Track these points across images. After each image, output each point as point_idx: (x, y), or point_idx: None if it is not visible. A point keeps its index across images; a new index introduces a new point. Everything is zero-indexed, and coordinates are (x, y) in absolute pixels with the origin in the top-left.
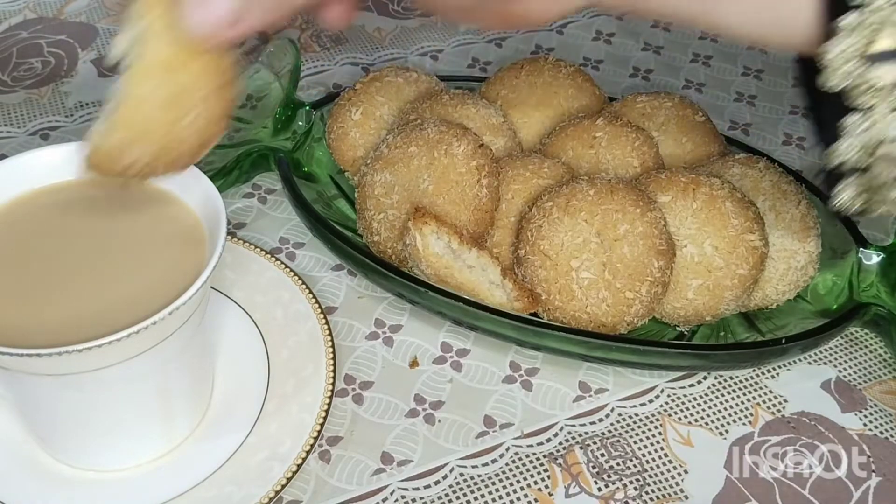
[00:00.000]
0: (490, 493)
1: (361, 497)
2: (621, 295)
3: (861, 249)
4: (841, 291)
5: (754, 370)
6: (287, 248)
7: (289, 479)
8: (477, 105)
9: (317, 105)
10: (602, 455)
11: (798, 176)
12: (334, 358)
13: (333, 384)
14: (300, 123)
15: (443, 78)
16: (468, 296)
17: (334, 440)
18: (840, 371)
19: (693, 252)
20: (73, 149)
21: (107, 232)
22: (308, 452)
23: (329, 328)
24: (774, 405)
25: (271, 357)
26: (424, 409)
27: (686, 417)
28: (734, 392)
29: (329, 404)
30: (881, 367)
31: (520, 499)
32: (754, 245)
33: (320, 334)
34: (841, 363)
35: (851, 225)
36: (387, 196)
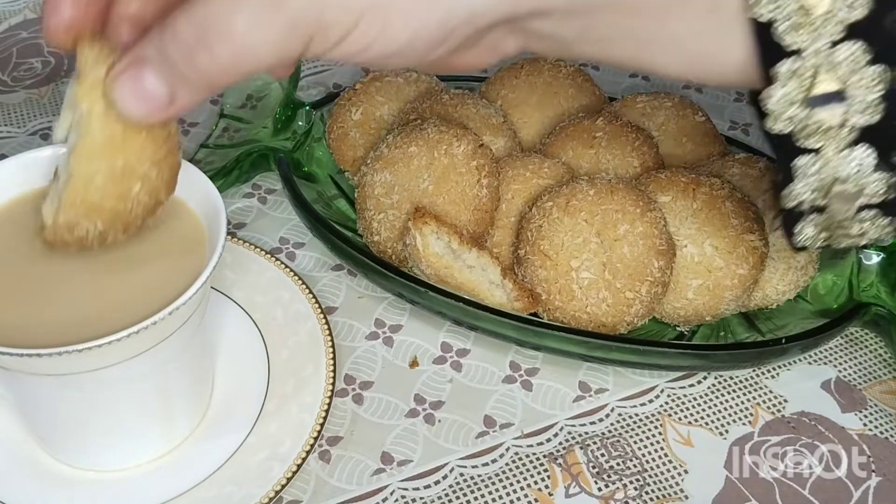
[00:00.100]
0: (490, 493)
1: (361, 497)
2: (621, 295)
3: (861, 249)
4: (841, 291)
5: (754, 370)
6: (287, 248)
7: (289, 479)
8: (477, 105)
9: (317, 105)
10: (602, 455)
11: None
12: (334, 358)
13: (333, 384)
14: (300, 123)
15: (443, 78)
16: (468, 296)
17: (334, 440)
18: (840, 371)
19: (693, 252)
20: None
21: None
22: (308, 452)
23: (329, 328)
24: (774, 405)
25: (271, 357)
26: (424, 409)
27: (686, 417)
28: (734, 392)
29: (329, 404)
30: (881, 367)
31: (520, 499)
32: (754, 245)
33: (320, 334)
34: (841, 363)
35: None
36: (387, 196)
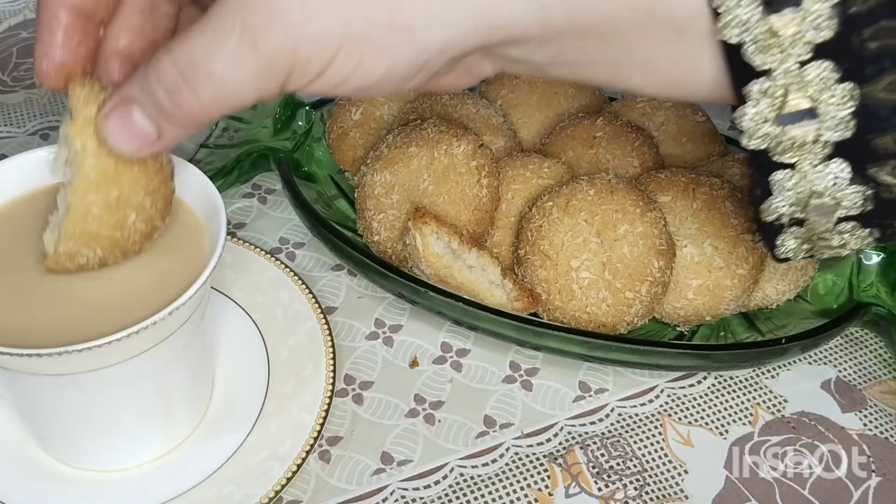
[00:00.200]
0: (490, 493)
1: (361, 497)
2: (621, 295)
3: (859, 250)
4: (841, 291)
5: (754, 370)
6: (287, 248)
7: (289, 479)
8: (477, 105)
9: (317, 105)
10: (602, 455)
11: None
12: (334, 358)
13: (333, 384)
14: (300, 123)
15: None
16: (468, 296)
17: (334, 440)
18: (840, 371)
19: (693, 252)
20: None
21: None
22: (308, 452)
23: (329, 328)
24: (774, 405)
25: (271, 357)
26: (424, 409)
27: (686, 417)
28: (734, 392)
29: (329, 404)
30: (881, 367)
31: (520, 499)
32: (754, 245)
33: (320, 334)
34: (841, 363)
35: None
36: (387, 196)
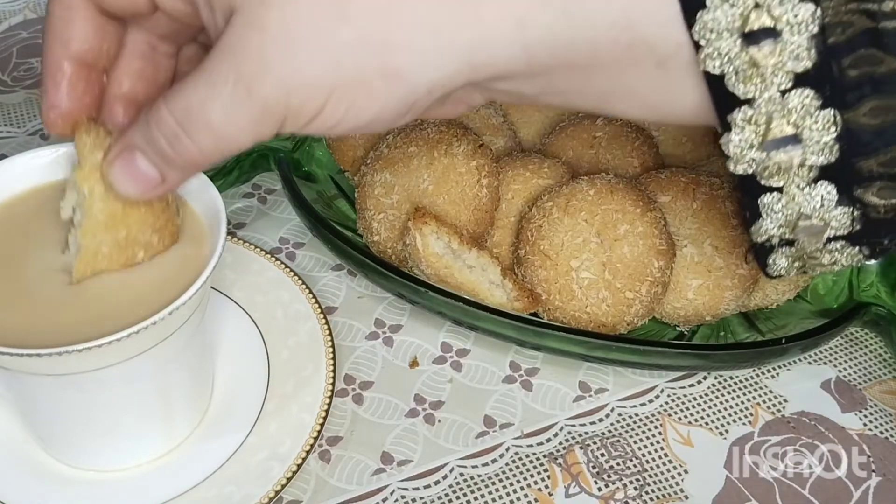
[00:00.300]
0: (490, 493)
1: (361, 497)
2: (621, 295)
3: None
4: (841, 291)
5: (754, 370)
6: (287, 248)
7: (289, 479)
8: None
9: None
10: (602, 455)
11: None
12: (334, 358)
13: (333, 384)
14: None
15: None
16: (468, 296)
17: (334, 440)
18: (840, 371)
19: (693, 252)
20: (73, 148)
21: None
22: (308, 452)
23: (329, 328)
24: (774, 405)
25: (271, 357)
26: (424, 409)
27: (686, 417)
28: (734, 392)
29: (329, 404)
30: (881, 367)
31: (520, 499)
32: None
33: (320, 334)
34: (841, 363)
35: None
36: (387, 196)
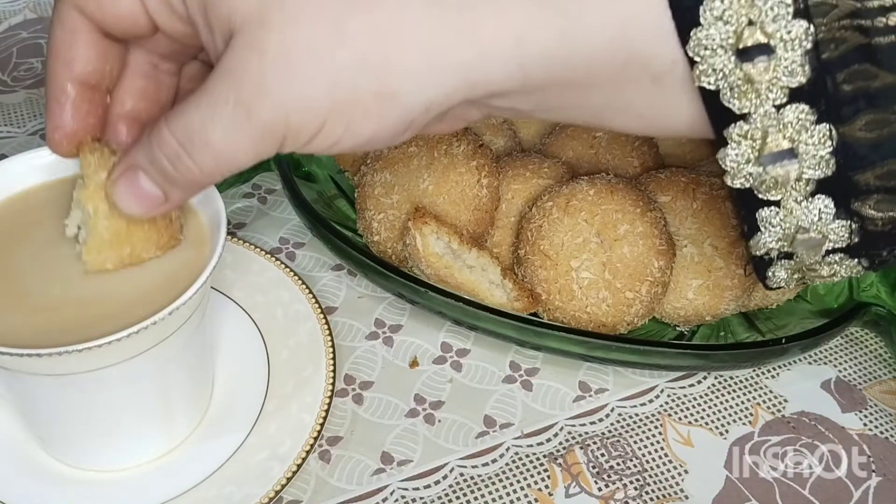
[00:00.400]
0: (490, 493)
1: (361, 497)
2: (621, 295)
3: None
4: (841, 291)
5: (754, 370)
6: (287, 248)
7: (289, 479)
8: None
9: None
10: (602, 455)
11: None
12: (334, 358)
13: (333, 384)
14: None
15: None
16: (468, 296)
17: (334, 440)
18: (840, 371)
19: (693, 252)
20: None
21: None
22: (308, 452)
23: (329, 328)
24: (774, 405)
25: (271, 357)
26: (424, 409)
27: (686, 417)
28: (734, 392)
29: (329, 404)
30: (881, 367)
31: (520, 499)
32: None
33: (320, 334)
34: (841, 363)
35: None
36: (387, 196)
